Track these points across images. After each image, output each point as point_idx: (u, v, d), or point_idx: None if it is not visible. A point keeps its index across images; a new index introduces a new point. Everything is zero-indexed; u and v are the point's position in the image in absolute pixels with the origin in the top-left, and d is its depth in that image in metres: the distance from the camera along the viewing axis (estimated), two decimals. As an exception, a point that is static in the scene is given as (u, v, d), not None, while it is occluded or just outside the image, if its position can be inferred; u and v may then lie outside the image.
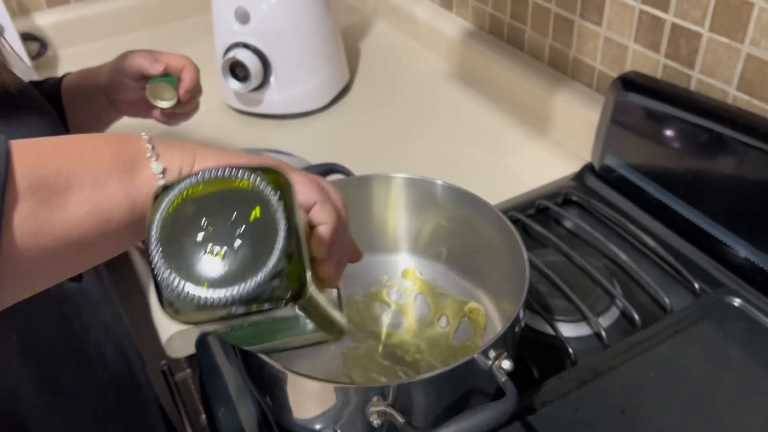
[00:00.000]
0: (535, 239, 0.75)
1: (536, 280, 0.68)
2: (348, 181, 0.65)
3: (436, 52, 1.16)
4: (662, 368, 0.58)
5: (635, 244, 0.73)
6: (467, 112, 1.01)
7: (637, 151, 0.76)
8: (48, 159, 0.34)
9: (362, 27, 1.30)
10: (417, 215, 0.66)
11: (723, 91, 0.71)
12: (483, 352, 0.47)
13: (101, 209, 0.34)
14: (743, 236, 0.66)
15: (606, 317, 0.65)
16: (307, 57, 0.99)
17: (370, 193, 0.65)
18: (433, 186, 0.63)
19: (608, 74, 0.86)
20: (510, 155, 0.91)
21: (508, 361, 0.47)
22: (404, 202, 0.65)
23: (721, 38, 0.70)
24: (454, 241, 0.66)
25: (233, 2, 0.94)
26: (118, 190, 0.35)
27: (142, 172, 0.36)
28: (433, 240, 0.67)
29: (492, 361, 0.47)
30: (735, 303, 0.63)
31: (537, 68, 0.96)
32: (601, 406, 0.56)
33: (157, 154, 0.37)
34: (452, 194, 0.63)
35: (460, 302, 0.64)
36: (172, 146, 0.38)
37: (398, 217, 0.66)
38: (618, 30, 0.82)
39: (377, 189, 0.65)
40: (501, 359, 0.47)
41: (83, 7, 1.28)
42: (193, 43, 1.27)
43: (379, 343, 0.61)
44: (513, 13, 1.00)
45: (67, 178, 0.33)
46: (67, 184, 0.33)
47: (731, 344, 0.61)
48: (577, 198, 0.79)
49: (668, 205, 0.73)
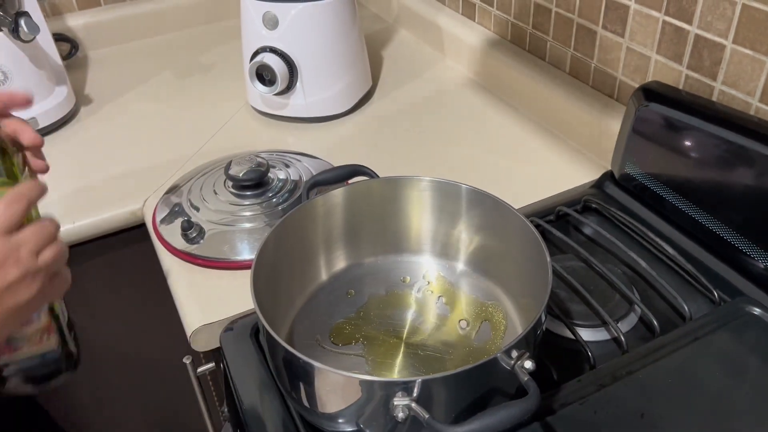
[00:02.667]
0: (554, 245, 0.76)
1: (556, 285, 0.69)
2: (372, 183, 0.67)
3: (458, 61, 1.18)
4: (680, 374, 0.59)
5: (654, 251, 0.74)
6: (488, 119, 1.03)
7: (657, 160, 0.77)
8: None
9: (385, 35, 1.32)
10: (440, 218, 0.67)
11: (746, 102, 0.72)
12: (506, 352, 0.48)
13: None
14: (763, 246, 0.67)
15: (625, 323, 0.66)
16: (332, 63, 1.01)
17: (394, 195, 0.67)
18: (457, 189, 0.64)
19: (630, 84, 0.87)
20: (531, 162, 0.92)
21: (530, 362, 0.48)
22: (428, 205, 0.67)
23: (744, 50, 0.70)
24: (477, 245, 0.67)
25: (262, 8, 0.97)
26: None
27: None
28: (456, 243, 0.68)
29: (514, 361, 0.48)
30: (754, 312, 0.64)
31: (558, 77, 0.97)
32: (620, 409, 0.56)
33: None
34: (476, 198, 0.64)
35: (481, 304, 0.65)
36: None
37: (422, 219, 0.68)
38: (641, 41, 0.83)
39: (401, 191, 0.66)
40: (523, 359, 0.48)
41: (114, 9, 1.32)
42: (220, 46, 1.30)
43: (400, 342, 0.62)
44: (535, 23, 1.01)
45: None
46: None
47: (749, 353, 0.61)
48: (597, 205, 0.80)
49: (688, 214, 0.74)
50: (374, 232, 0.68)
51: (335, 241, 0.68)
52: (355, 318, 0.65)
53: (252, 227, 0.79)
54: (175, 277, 0.76)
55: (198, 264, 0.76)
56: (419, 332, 0.64)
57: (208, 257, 0.76)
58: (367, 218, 0.67)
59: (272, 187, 0.84)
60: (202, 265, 0.76)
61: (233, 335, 0.67)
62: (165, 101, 1.12)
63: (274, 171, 0.86)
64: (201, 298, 0.73)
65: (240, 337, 0.67)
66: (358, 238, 0.68)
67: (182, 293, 0.74)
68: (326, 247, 0.68)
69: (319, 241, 0.67)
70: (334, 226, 0.67)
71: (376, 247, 0.69)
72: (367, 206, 0.66)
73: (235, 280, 0.74)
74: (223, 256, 0.76)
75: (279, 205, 0.82)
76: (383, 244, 0.69)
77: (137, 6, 1.33)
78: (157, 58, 1.27)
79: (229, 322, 0.68)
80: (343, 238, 0.68)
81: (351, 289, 0.67)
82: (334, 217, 0.66)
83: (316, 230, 0.66)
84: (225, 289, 0.73)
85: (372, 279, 0.68)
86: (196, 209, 0.82)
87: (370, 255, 0.69)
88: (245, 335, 0.66)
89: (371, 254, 0.69)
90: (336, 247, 0.68)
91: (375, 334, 0.63)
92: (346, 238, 0.68)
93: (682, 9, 0.76)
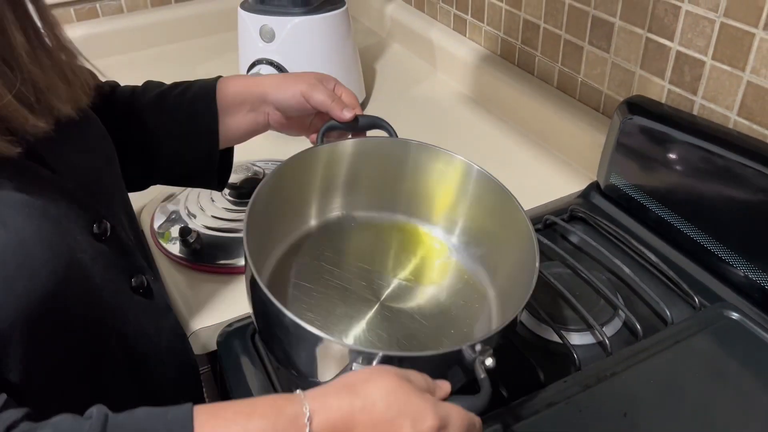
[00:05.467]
0: (542, 252, 0.77)
1: (544, 290, 0.71)
2: (391, 142, 0.67)
3: (449, 74, 1.21)
4: (662, 376, 0.61)
5: (638, 259, 0.76)
6: (479, 131, 1.05)
7: (641, 171, 0.79)
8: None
9: (378, 48, 1.35)
10: (449, 190, 0.68)
11: (724, 116, 0.75)
12: (471, 346, 0.49)
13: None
14: (742, 254, 0.69)
15: (609, 327, 0.68)
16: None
17: (404, 157, 0.68)
18: (469, 168, 0.66)
19: (615, 98, 0.90)
20: (520, 173, 0.94)
21: (491, 359, 0.48)
22: (440, 176, 0.68)
23: (723, 66, 0.74)
24: (474, 228, 0.68)
25: (259, 21, 0.99)
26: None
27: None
28: (454, 219, 0.69)
29: (477, 355, 0.48)
30: (733, 317, 0.66)
31: (547, 91, 1.00)
32: (604, 409, 0.58)
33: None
34: (486, 183, 0.65)
35: (466, 281, 0.66)
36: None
37: (426, 187, 0.69)
38: (625, 56, 0.86)
39: (416, 156, 0.67)
40: (486, 355, 0.48)
41: (112, 21, 1.34)
42: (217, 58, 1.32)
43: (376, 301, 0.63)
44: (524, 39, 1.04)
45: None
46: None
47: (728, 356, 0.64)
48: (583, 215, 0.82)
49: (670, 223, 0.77)
50: (375, 189, 0.69)
51: (332, 191, 0.68)
52: (339, 265, 0.65)
53: (248, 234, 0.80)
54: (172, 283, 0.77)
55: (195, 269, 0.78)
56: (398, 297, 0.64)
57: (205, 263, 0.78)
58: (370, 174, 0.67)
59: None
60: (199, 270, 0.78)
61: (230, 338, 0.69)
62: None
63: (270, 180, 0.88)
64: (198, 303, 0.74)
65: (236, 340, 0.68)
66: (357, 191, 0.68)
67: (179, 298, 0.75)
68: (322, 195, 0.68)
69: (316, 188, 0.67)
70: (335, 176, 0.67)
71: (373, 203, 0.69)
72: (373, 162, 0.67)
73: (232, 285, 0.76)
74: (220, 262, 0.78)
75: (274, 212, 0.84)
76: (382, 201, 0.69)
77: (135, 18, 1.36)
78: (154, 69, 1.29)
79: (226, 325, 0.70)
80: (341, 189, 0.68)
81: (339, 240, 0.68)
82: (336, 168, 0.66)
83: (315, 177, 0.66)
84: (221, 294, 0.75)
85: (362, 233, 0.69)
86: (193, 216, 0.83)
87: (367, 209, 0.70)
88: (242, 338, 0.68)
89: (368, 209, 0.70)
90: (332, 196, 0.68)
91: (352, 287, 0.63)
92: (345, 190, 0.68)
93: (664, 26, 0.79)
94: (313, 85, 0.65)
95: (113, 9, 1.35)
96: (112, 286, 0.54)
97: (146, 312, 0.58)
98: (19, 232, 0.44)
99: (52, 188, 0.49)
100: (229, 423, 0.41)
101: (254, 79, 0.68)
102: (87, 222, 0.51)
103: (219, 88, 0.67)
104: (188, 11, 1.40)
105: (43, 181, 0.48)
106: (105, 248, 0.52)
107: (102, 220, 0.53)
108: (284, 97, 0.65)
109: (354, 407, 0.42)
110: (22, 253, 0.44)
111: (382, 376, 0.44)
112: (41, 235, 0.46)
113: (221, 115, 0.66)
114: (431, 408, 0.44)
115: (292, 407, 0.42)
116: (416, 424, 0.43)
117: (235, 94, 0.67)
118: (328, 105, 0.64)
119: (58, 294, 0.46)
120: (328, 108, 0.64)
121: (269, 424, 0.41)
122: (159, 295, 0.60)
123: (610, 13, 0.86)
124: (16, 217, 0.44)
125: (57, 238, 0.47)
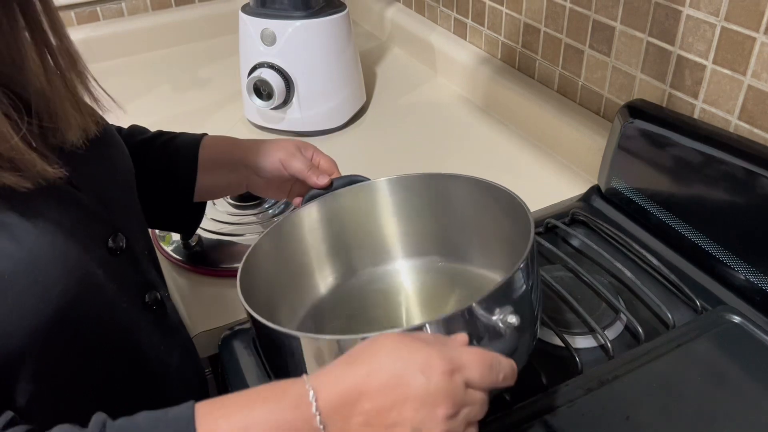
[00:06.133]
0: (544, 256, 0.78)
1: (546, 293, 0.71)
2: (364, 186, 0.67)
3: (450, 78, 1.21)
4: (664, 379, 0.61)
5: (639, 262, 0.76)
6: (479, 135, 1.06)
7: (642, 174, 0.80)
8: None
9: (379, 52, 1.35)
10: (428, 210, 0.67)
11: (725, 120, 0.75)
12: (480, 302, 0.46)
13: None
14: (744, 258, 0.69)
15: (611, 330, 0.68)
16: (328, 78, 1.04)
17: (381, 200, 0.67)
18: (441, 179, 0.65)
19: (615, 102, 0.90)
20: (521, 177, 0.95)
21: (514, 316, 0.46)
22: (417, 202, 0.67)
23: (724, 70, 0.74)
24: (473, 235, 0.66)
25: (260, 25, 0.99)
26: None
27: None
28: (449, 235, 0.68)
29: (498, 316, 0.47)
30: (735, 320, 0.66)
31: (547, 95, 1.01)
32: (606, 412, 0.58)
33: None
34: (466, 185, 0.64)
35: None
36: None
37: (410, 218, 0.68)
38: (626, 60, 0.86)
39: (397, 191, 0.67)
40: (506, 313, 0.47)
41: (113, 24, 1.34)
42: (218, 61, 1.32)
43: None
44: (525, 43, 1.05)
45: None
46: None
47: (730, 359, 0.64)
48: (584, 218, 0.83)
49: (671, 227, 0.77)
50: (364, 241, 0.68)
51: (323, 257, 0.68)
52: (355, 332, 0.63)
53: (249, 238, 0.80)
54: (173, 286, 0.77)
55: (196, 273, 0.78)
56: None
57: (207, 266, 0.78)
58: (353, 228, 0.67)
59: (269, 200, 0.86)
60: (200, 273, 0.78)
61: (231, 342, 0.68)
62: (163, 115, 1.14)
63: (271, 183, 0.88)
64: (199, 306, 0.74)
65: (238, 343, 0.68)
66: (350, 250, 0.68)
67: (181, 301, 0.75)
68: (318, 262, 0.67)
69: (312, 255, 0.67)
70: (321, 241, 0.67)
71: (367, 256, 0.69)
72: (350, 215, 0.67)
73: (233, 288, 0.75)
74: (221, 265, 0.78)
75: (275, 216, 0.84)
76: (375, 251, 0.69)
77: (136, 21, 1.36)
78: (155, 72, 1.29)
79: (227, 328, 0.70)
80: (332, 253, 0.68)
81: (350, 301, 0.67)
82: (319, 233, 0.66)
83: (305, 243, 0.66)
84: (223, 297, 0.75)
85: (370, 287, 0.68)
86: (195, 219, 0.83)
87: (366, 266, 0.69)
88: (243, 341, 0.68)
89: (367, 265, 0.69)
90: (325, 262, 0.68)
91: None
92: (336, 252, 0.68)
93: (665, 30, 0.79)
94: (291, 153, 0.66)
95: (114, 12, 1.35)
96: (125, 301, 0.53)
97: (158, 329, 0.57)
98: (33, 249, 0.43)
99: (69, 202, 0.48)
100: (231, 412, 0.40)
101: (236, 142, 0.70)
102: (103, 236, 0.51)
103: (203, 144, 0.68)
104: (189, 14, 1.40)
105: (61, 195, 0.48)
106: (119, 263, 0.52)
107: (117, 234, 0.52)
108: (263, 163, 0.67)
109: (358, 375, 0.41)
110: (35, 270, 0.43)
111: (385, 337, 0.43)
112: (54, 251, 0.45)
113: (200, 171, 0.68)
114: (437, 353, 0.41)
115: (295, 388, 0.41)
116: (426, 372, 0.41)
117: (217, 153, 0.68)
118: (304, 174, 0.66)
119: (70, 311, 0.45)
120: (305, 176, 0.66)
121: (274, 408, 0.40)
122: (171, 312, 0.60)
123: (610, 17, 0.86)
124: (31, 231, 0.43)
125: (71, 253, 0.46)
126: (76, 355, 0.48)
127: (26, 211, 0.44)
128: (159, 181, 0.67)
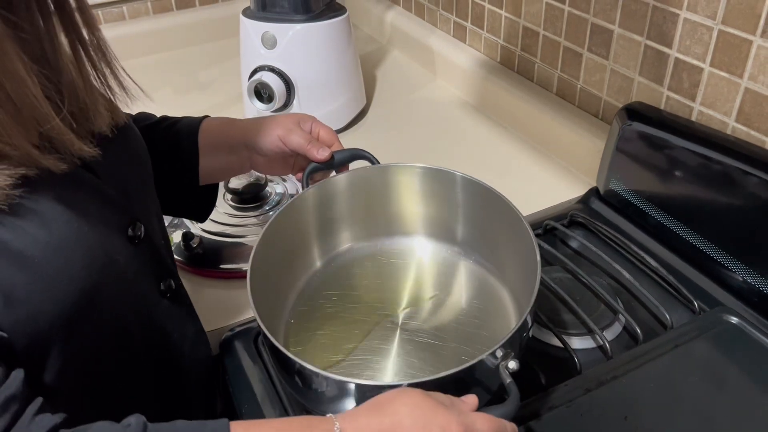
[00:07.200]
0: (543, 257, 0.78)
1: (545, 295, 0.72)
2: (372, 170, 0.69)
3: (449, 81, 1.21)
4: (662, 380, 0.62)
5: (637, 264, 0.77)
6: (478, 137, 1.06)
7: (640, 176, 0.80)
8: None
9: (379, 55, 1.36)
10: (437, 203, 0.70)
11: (722, 122, 0.76)
12: (492, 353, 0.50)
13: None
14: (741, 259, 0.70)
15: (610, 331, 0.68)
16: (328, 81, 1.05)
17: (389, 181, 0.69)
18: (452, 177, 0.68)
19: (614, 104, 0.91)
20: (519, 179, 0.95)
21: (514, 362, 0.50)
22: (424, 191, 0.70)
23: (721, 73, 0.74)
24: (476, 234, 0.69)
25: (261, 28, 1.00)
26: None
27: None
28: (455, 227, 0.70)
29: (499, 361, 0.50)
30: (732, 321, 0.67)
31: (546, 98, 1.01)
32: (605, 412, 0.59)
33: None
34: (475, 190, 0.67)
35: (477, 287, 0.67)
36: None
37: (419, 204, 0.71)
38: (624, 63, 0.87)
39: (397, 178, 0.69)
40: (508, 359, 0.50)
41: (115, 27, 1.35)
42: (219, 64, 1.33)
43: (396, 327, 0.64)
44: (524, 46, 1.05)
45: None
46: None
47: (727, 359, 0.64)
48: (583, 220, 0.83)
49: (669, 228, 0.77)
50: (367, 219, 0.70)
51: (328, 230, 0.69)
52: (352, 303, 0.66)
53: (250, 239, 0.81)
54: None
55: (198, 274, 0.78)
56: (416, 317, 0.65)
57: (208, 268, 0.78)
58: (360, 206, 0.69)
59: (270, 201, 0.87)
60: (201, 275, 0.78)
61: (232, 342, 0.69)
62: (164, 117, 1.15)
63: (272, 185, 0.89)
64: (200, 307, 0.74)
65: (239, 344, 0.69)
66: (351, 225, 0.70)
67: (182, 303, 0.76)
68: (320, 236, 0.69)
69: (313, 231, 0.68)
70: (327, 216, 0.68)
71: (370, 232, 0.71)
72: (360, 194, 0.68)
73: (234, 289, 0.76)
74: (222, 267, 0.78)
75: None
76: (377, 229, 0.71)
77: (138, 24, 1.36)
78: (156, 75, 1.30)
79: (229, 329, 0.70)
80: (336, 227, 0.70)
81: (346, 276, 0.69)
82: (326, 208, 0.68)
83: (309, 221, 0.68)
84: (224, 298, 0.75)
85: (367, 263, 0.70)
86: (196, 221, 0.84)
87: (366, 240, 0.71)
88: (244, 342, 0.69)
89: (365, 239, 0.71)
90: (329, 236, 0.70)
91: (371, 320, 0.64)
92: (340, 226, 0.70)
93: (663, 33, 0.80)
94: (289, 129, 0.66)
95: (115, 16, 1.35)
96: (142, 289, 0.54)
97: (171, 317, 0.59)
98: (61, 235, 0.45)
99: (93, 191, 0.50)
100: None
101: (234, 123, 0.70)
102: (123, 224, 0.52)
103: (201, 128, 0.69)
104: (190, 18, 1.41)
105: (86, 184, 0.49)
106: (138, 251, 0.53)
107: (137, 223, 0.53)
108: (262, 142, 0.67)
109: (383, 424, 0.44)
110: (63, 255, 0.45)
111: (408, 394, 0.46)
112: (80, 237, 0.46)
113: (201, 155, 0.68)
114: (455, 417, 0.45)
115: (324, 425, 0.44)
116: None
117: (214, 136, 0.69)
118: (304, 148, 0.66)
119: (95, 296, 0.47)
120: (305, 151, 0.66)
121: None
122: (185, 300, 0.61)
123: (609, 20, 0.87)
124: (59, 219, 0.45)
125: (95, 241, 0.48)
126: (96, 338, 0.49)
127: (54, 199, 0.45)
128: (164, 165, 0.67)
